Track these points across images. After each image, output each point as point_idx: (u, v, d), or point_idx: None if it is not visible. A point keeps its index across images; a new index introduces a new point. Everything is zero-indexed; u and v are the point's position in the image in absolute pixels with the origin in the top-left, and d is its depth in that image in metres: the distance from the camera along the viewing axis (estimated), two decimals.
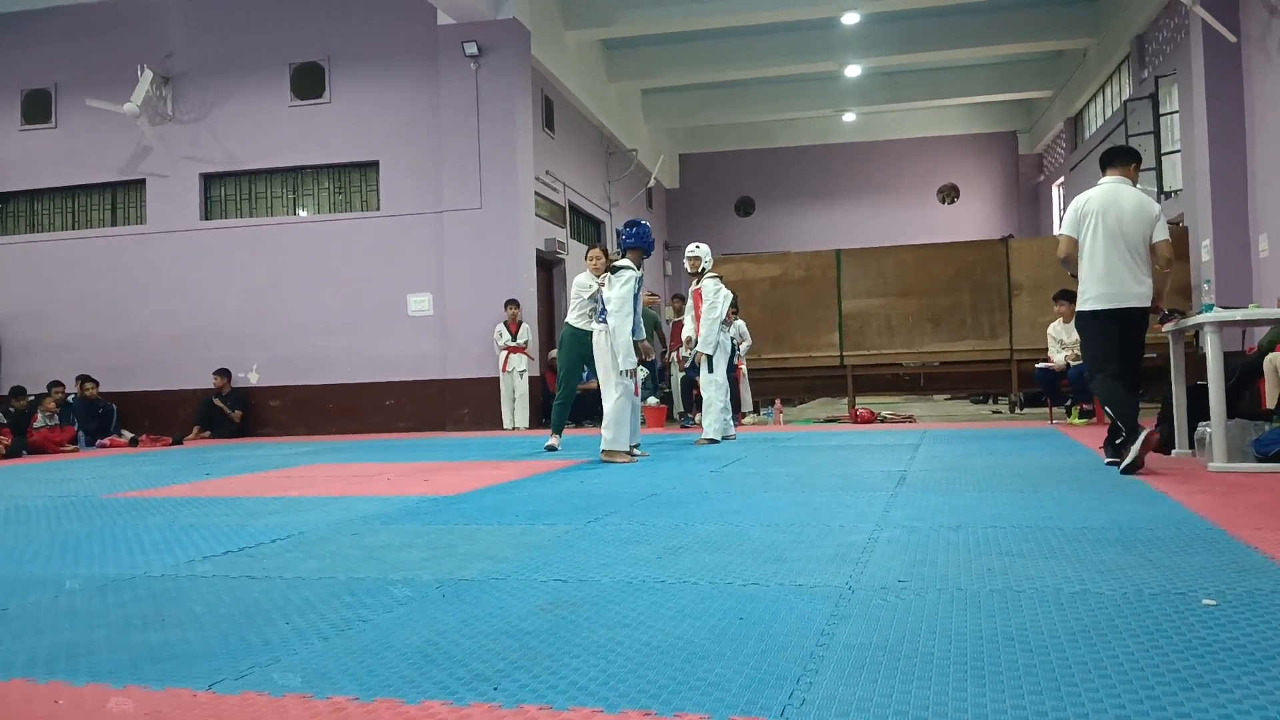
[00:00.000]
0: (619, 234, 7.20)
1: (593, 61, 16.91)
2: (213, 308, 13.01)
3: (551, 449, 7.88)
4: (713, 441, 8.32)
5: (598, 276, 7.75)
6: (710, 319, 8.47)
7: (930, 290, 12.13)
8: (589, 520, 4.03)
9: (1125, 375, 5.36)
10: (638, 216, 19.91)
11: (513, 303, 11.96)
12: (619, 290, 6.80)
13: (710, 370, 8.52)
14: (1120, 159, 5.63)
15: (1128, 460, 5.05)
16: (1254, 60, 10.73)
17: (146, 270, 13.22)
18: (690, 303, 8.99)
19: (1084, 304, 5.44)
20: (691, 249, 8.92)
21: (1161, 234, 5.34)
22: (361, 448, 9.67)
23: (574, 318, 8.00)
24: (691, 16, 15.05)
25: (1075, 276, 5.55)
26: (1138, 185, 5.58)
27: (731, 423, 8.92)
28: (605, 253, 7.98)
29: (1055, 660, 1.93)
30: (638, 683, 1.88)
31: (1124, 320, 5.33)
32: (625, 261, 6.96)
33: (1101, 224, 5.36)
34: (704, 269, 8.79)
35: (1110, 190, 5.45)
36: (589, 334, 7.47)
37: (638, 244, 7.04)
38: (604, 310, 6.88)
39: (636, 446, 7.14)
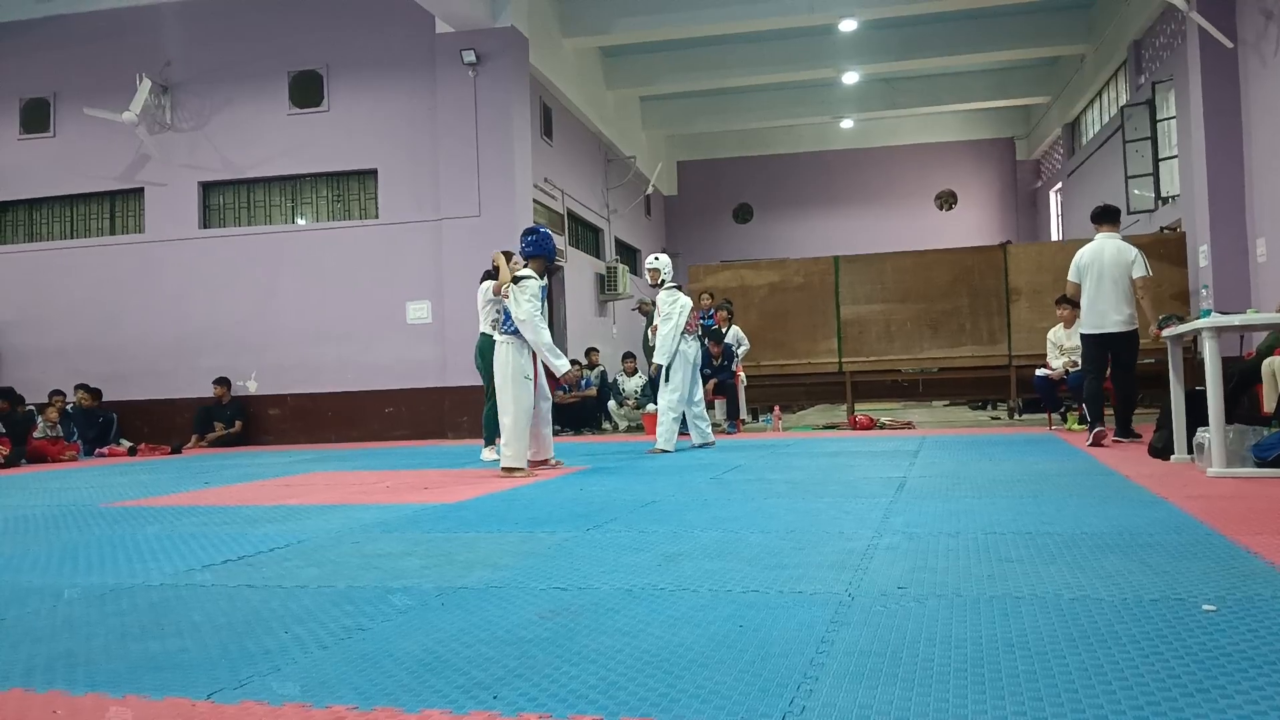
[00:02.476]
0: (520, 244, 6.95)
1: (591, 69, 16.94)
2: (211, 316, 13.01)
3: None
4: (664, 451, 8.17)
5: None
6: (663, 332, 8.29)
7: (928, 296, 12.14)
8: (588, 528, 4.03)
9: (1102, 378, 7.51)
10: (639, 222, 20.01)
11: None
12: (526, 303, 6.51)
13: (666, 380, 8.36)
14: (1108, 218, 7.52)
15: (1089, 439, 7.24)
16: (1250, 65, 10.76)
17: (145, 279, 13.22)
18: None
19: (1082, 328, 7.65)
20: (650, 260, 8.66)
21: (1139, 271, 7.24)
22: (361, 456, 9.67)
23: (485, 325, 8.11)
24: (689, 24, 15.08)
25: (1078, 308, 7.90)
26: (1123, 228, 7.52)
27: (709, 430, 8.88)
28: (508, 256, 7.70)
29: (1055, 666, 1.93)
30: (637, 690, 1.88)
31: (1107, 340, 7.35)
32: (527, 271, 6.71)
33: (1091, 270, 7.35)
34: (663, 280, 8.53)
35: (1099, 245, 7.40)
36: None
37: (538, 252, 6.79)
38: (508, 319, 6.62)
39: (548, 460, 7.00)
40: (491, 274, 8.09)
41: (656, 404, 8.67)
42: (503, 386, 6.61)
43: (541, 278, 6.75)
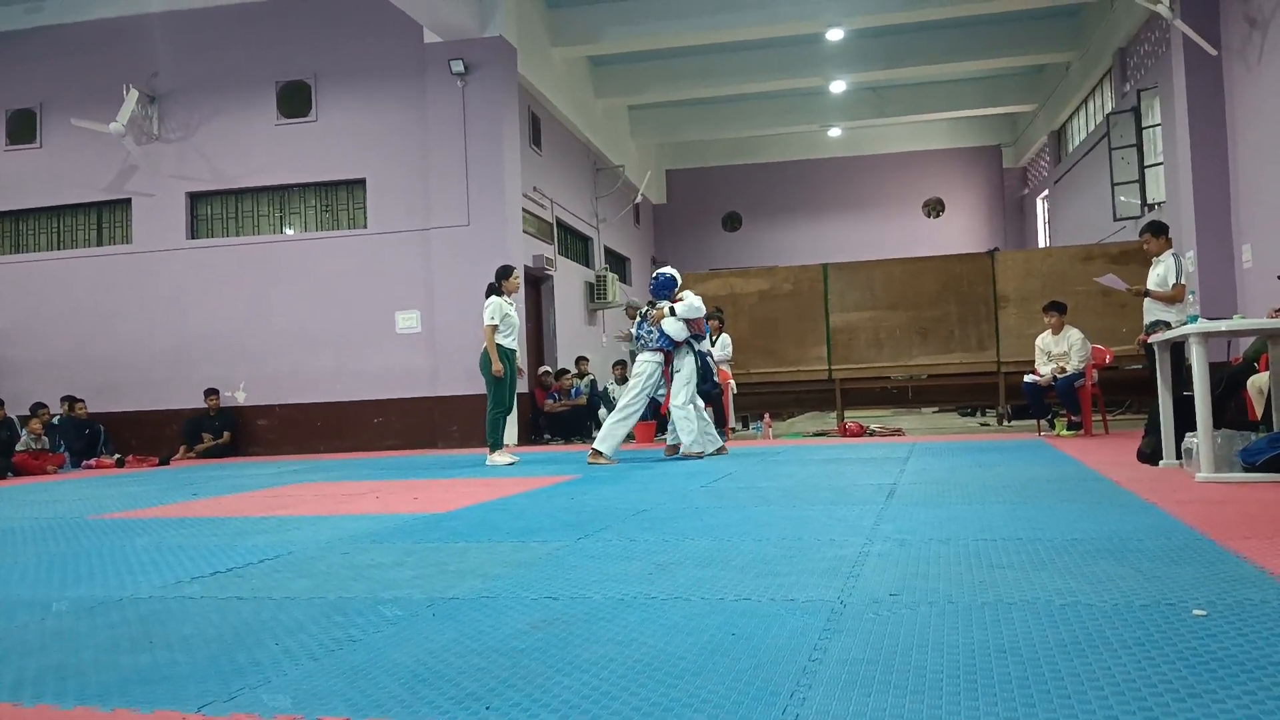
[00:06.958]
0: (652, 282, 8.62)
1: (579, 78, 16.97)
2: (200, 327, 12.97)
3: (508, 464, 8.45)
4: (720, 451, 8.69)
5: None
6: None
7: (917, 303, 12.18)
8: (579, 537, 4.02)
9: None
10: (628, 231, 20.03)
11: None
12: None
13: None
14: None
15: None
16: (1235, 72, 10.84)
17: (133, 290, 13.17)
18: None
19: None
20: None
21: None
22: (350, 466, 9.64)
23: (503, 339, 8.65)
24: (678, 33, 15.13)
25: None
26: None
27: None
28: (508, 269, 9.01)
29: (1047, 672, 1.94)
30: (630, 700, 1.88)
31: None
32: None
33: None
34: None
35: None
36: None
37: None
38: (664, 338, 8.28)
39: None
40: (495, 289, 8.71)
41: (693, 406, 8.53)
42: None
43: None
